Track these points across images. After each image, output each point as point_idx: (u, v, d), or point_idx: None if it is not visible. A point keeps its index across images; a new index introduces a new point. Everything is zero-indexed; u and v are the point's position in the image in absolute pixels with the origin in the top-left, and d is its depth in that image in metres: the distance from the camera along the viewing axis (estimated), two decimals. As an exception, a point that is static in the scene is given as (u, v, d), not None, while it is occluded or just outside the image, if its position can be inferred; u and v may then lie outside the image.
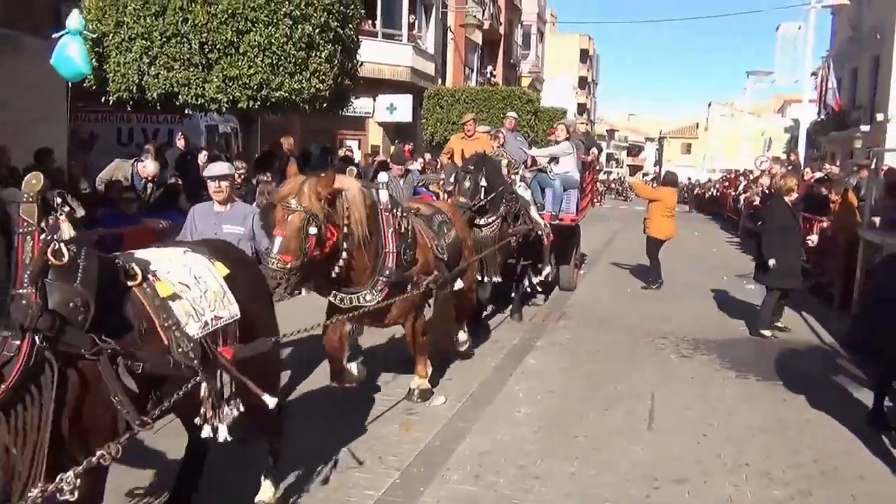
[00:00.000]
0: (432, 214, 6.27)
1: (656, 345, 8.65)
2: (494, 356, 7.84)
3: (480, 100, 21.39)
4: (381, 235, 5.20)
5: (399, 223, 5.34)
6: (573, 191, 10.63)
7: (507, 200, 8.57)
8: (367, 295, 5.21)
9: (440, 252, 5.99)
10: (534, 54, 42.00)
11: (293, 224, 4.49)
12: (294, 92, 10.27)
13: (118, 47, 9.98)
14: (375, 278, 5.19)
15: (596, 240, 18.16)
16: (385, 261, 5.22)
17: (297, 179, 4.65)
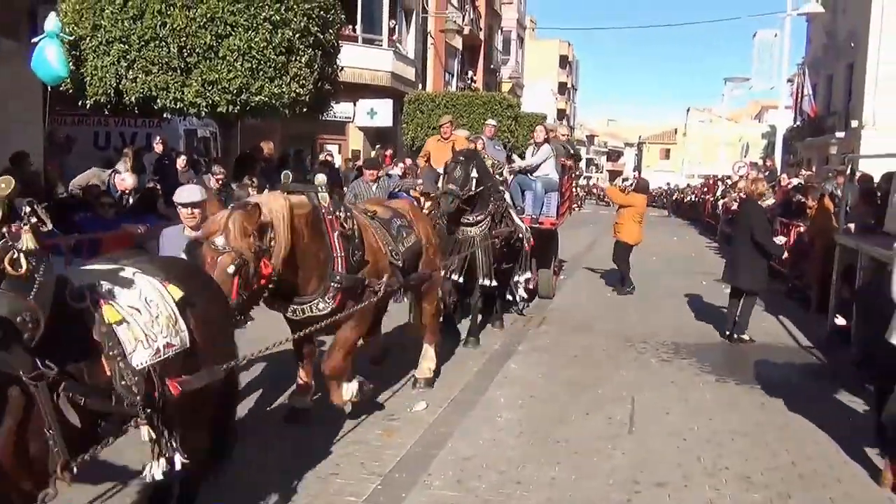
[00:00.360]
0: (391, 218, 5.96)
1: (637, 349, 8.69)
2: (476, 361, 7.84)
3: (461, 105, 21.37)
4: (327, 240, 5.01)
5: (343, 225, 5.15)
6: (553, 194, 10.54)
7: (494, 199, 8.40)
8: (320, 303, 5.04)
9: (395, 257, 5.69)
10: (514, 60, 42.19)
11: (222, 266, 4.24)
12: (274, 96, 10.24)
13: (95, 51, 9.90)
14: (326, 284, 5.00)
15: (576, 245, 18.25)
16: (334, 266, 5.04)
17: (221, 216, 4.39)
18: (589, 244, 20.21)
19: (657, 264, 16.17)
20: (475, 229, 8.13)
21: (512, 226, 8.89)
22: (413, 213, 6.42)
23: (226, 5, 9.89)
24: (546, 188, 10.34)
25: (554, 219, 10.56)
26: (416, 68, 26.20)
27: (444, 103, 21.61)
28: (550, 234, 10.74)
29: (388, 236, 5.73)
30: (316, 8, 10.77)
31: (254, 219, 4.38)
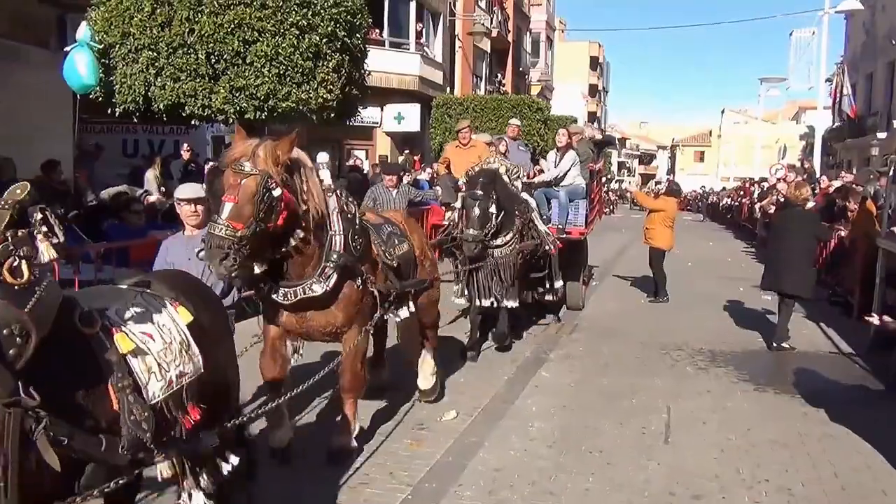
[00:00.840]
0: (381, 224, 5.56)
1: (672, 357, 8.62)
2: (506, 369, 7.83)
3: (489, 108, 21.36)
4: (328, 217, 4.63)
5: (345, 205, 4.81)
6: (581, 201, 10.24)
7: (520, 212, 8.17)
8: (315, 284, 4.60)
9: (388, 259, 5.30)
10: (543, 62, 42.13)
11: (247, 188, 3.95)
12: (301, 102, 10.30)
13: (124, 58, 10.04)
14: (322, 265, 4.60)
15: (608, 250, 18.14)
16: (332, 244, 4.62)
17: (250, 141, 4.14)
18: (620, 249, 20.09)
19: (692, 270, 16.02)
20: (505, 249, 7.95)
21: (538, 237, 8.67)
22: (407, 225, 6.02)
23: (253, 11, 9.99)
24: (571, 196, 10.08)
25: (582, 227, 10.25)
26: (444, 72, 26.28)
27: (473, 107, 21.63)
28: (579, 244, 10.45)
29: (378, 238, 5.35)
30: (343, 12, 10.82)
31: (286, 148, 4.12)
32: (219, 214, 3.94)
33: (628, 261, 17.40)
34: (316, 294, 4.61)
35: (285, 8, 10.16)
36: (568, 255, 9.88)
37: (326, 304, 4.72)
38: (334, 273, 4.61)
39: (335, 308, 4.79)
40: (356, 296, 4.85)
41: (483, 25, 28.28)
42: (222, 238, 3.88)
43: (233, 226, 3.90)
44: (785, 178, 20.27)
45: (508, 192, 8.04)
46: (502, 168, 8.32)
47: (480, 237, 7.50)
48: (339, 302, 4.77)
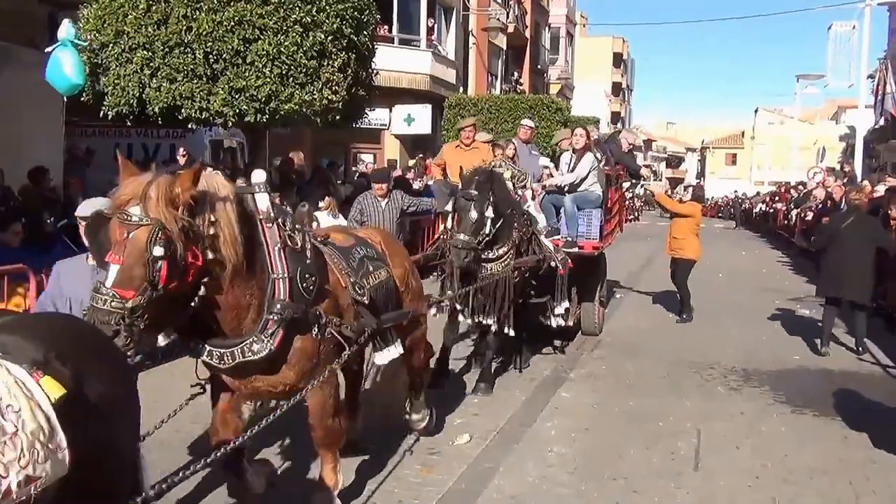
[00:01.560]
0: (351, 246, 4.82)
1: (702, 376, 8.58)
2: (524, 389, 7.81)
3: (505, 109, 21.46)
4: (266, 256, 3.92)
5: (288, 239, 4.07)
6: (595, 211, 9.42)
7: (519, 224, 7.65)
8: (255, 344, 3.88)
9: (358, 291, 4.53)
10: (563, 59, 42.17)
11: (136, 243, 3.30)
12: (305, 104, 10.37)
13: (118, 58, 10.14)
14: (263, 318, 3.88)
15: (633, 260, 18.10)
16: (275, 291, 3.91)
17: (142, 178, 3.45)
18: (647, 259, 20.01)
19: (723, 281, 15.96)
20: (497, 265, 7.35)
21: (540, 252, 8.07)
22: (386, 245, 5.31)
23: (254, 7, 10.07)
24: (581, 204, 9.34)
25: (596, 241, 9.44)
26: (457, 70, 26.37)
27: (487, 107, 21.74)
28: (593, 261, 9.66)
29: (346, 266, 4.59)
30: (349, 8, 10.89)
31: (186, 186, 3.43)
32: (102, 282, 3.30)
33: (655, 272, 17.31)
34: (259, 356, 3.91)
35: (288, 4, 10.24)
36: (581, 272, 9.22)
37: (275, 365, 4.04)
38: (279, 328, 3.91)
39: (286, 367, 4.07)
40: (313, 347, 4.14)
41: (498, 20, 28.39)
42: (108, 312, 3.22)
43: (120, 295, 3.25)
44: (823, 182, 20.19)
45: (509, 198, 7.56)
46: (507, 173, 7.92)
47: (473, 244, 6.93)
48: (292, 358, 4.07)
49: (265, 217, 3.96)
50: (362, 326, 4.51)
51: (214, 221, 3.58)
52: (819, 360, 9.42)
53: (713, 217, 53.79)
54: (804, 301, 13.39)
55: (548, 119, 21.14)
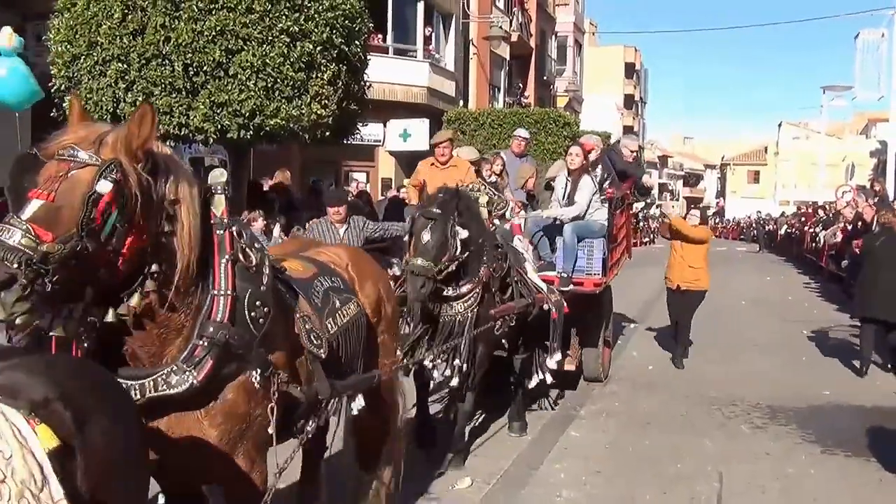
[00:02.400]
0: (313, 278, 4.14)
1: (723, 413, 8.56)
2: (530, 428, 7.77)
3: (509, 123, 21.46)
4: (210, 266, 3.30)
5: (241, 254, 3.42)
6: (597, 241, 8.77)
7: (488, 258, 6.79)
8: (173, 375, 3.15)
9: (314, 342, 3.77)
10: (571, 70, 42.44)
11: (77, 180, 2.78)
12: (292, 119, 10.44)
13: (90, 71, 10.22)
14: (192, 343, 3.19)
15: (647, 287, 18.06)
16: (212, 309, 3.25)
17: (96, 127, 3.01)
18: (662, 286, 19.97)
19: (746, 310, 15.95)
20: (459, 305, 6.53)
21: (529, 294, 7.35)
22: (355, 267, 4.66)
23: (237, 16, 10.16)
24: (583, 234, 8.66)
25: (598, 277, 8.80)
26: (457, 82, 26.53)
27: (490, 122, 21.80)
28: (595, 298, 9.07)
29: (303, 306, 3.88)
30: (340, 17, 10.99)
31: (147, 131, 2.94)
32: (17, 213, 2.71)
33: (672, 299, 17.31)
34: (176, 391, 3.16)
35: (274, 12, 10.34)
36: (581, 311, 8.67)
37: (194, 414, 3.27)
38: (208, 355, 3.19)
39: (209, 421, 3.27)
40: (246, 403, 3.34)
41: (501, 28, 28.55)
42: (12, 249, 2.59)
43: (35, 232, 2.64)
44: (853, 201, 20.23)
45: (479, 226, 6.79)
46: (482, 198, 7.22)
47: (432, 271, 6.11)
48: (218, 410, 3.28)
49: (217, 222, 3.37)
50: (315, 393, 3.75)
51: (175, 202, 3.07)
52: (851, 395, 9.39)
53: (734, 240, 53.94)
54: (834, 330, 13.38)
55: (555, 134, 21.18)
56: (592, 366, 9.51)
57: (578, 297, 8.57)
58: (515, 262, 7.37)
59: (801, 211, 36.62)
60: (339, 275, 4.41)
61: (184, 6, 10.08)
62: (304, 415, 3.78)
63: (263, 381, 3.34)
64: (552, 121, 21.94)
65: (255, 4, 10.26)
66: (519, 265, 7.43)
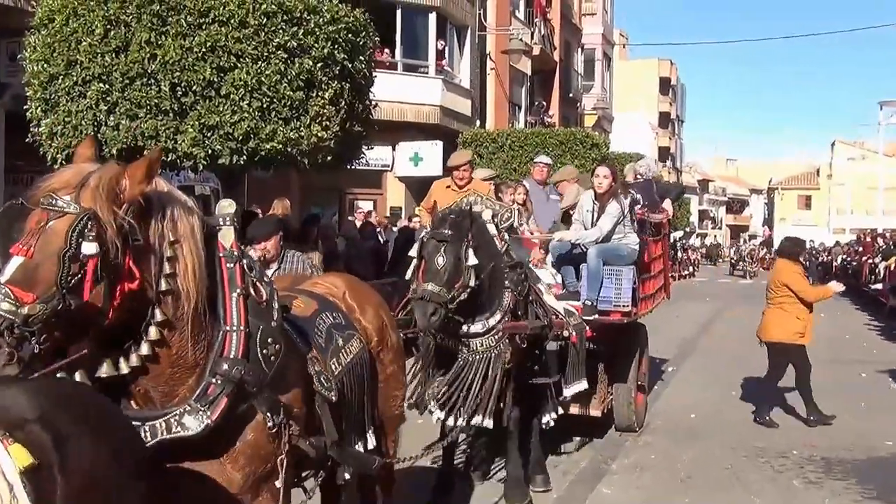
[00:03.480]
0: (314, 314, 4.29)
1: (773, 467, 8.49)
2: (556, 484, 7.72)
3: (531, 145, 21.64)
4: (220, 301, 3.48)
5: (254, 286, 3.61)
6: (626, 269, 8.74)
7: (512, 283, 6.91)
8: (187, 416, 3.29)
9: (324, 385, 3.95)
10: (599, 86, 42.64)
11: (54, 233, 2.91)
12: (290, 142, 10.48)
13: (69, 92, 10.30)
14: (205, 381, 3.35)
15: (687, 325, 18.03)
16: (224, 346, 3.41)
17: (85, 166, 3.14)
18: (705, 323, 19.93)
19: (798, 350, 15.78)
20: (484, 341, 6.59)
21: (545, 315, 7.36)
22: (353, 296, 4.82)
23: (230, 31, 10.23)
24: (609, 259, 8.65)
25: (627, 305, 8.77)
26: (473, 100, 26.69)
27: (510, 143, 21.96)
28: (625, 331, 9.21)
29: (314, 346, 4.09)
30: (342, 30, 11.06)
31: (137, 179, 3.07)
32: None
33: (714, 338, 17.22)
34: (191, 433, 3.28)
35: (270, 26, 10.40)
36: (610, 345, 8.91)
37: (211, 454, 3.41)
38: (223, 394, 3.34)
39: (231, 463, 3.44)
40: (268, 443, 3.51)
41: (521, 41, 28.75)
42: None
43: (16, 295, 2.82)
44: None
45: (492, 248, 6.85)
46: (486, 213, 7.13)
47: (444, 297, 6.10)
48: (239, 452, 3.45)
49: (227, 255, 3.55)
50: (323, 446, 3.89)
51: (175, 242, 3.23)
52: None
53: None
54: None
55: (582, 156, 21.29)
56: (624, 411, 9.37)
57: (606, 328, 8.64)
58: (531, 282, 7.46)
59: (858, 239, 36.42)
60: (339, 308, 4.56)
61: (171, 21, 10.16)
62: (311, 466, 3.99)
63: (276, 427, 3.51)
64: (579, 142, 22.06)
65: (250, 18, 10.33)
66: (533, 283, 7.50)
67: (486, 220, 7.00)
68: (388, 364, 4.91)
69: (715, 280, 41.16)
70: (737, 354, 14.31)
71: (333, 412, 4.03)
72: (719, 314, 22.35)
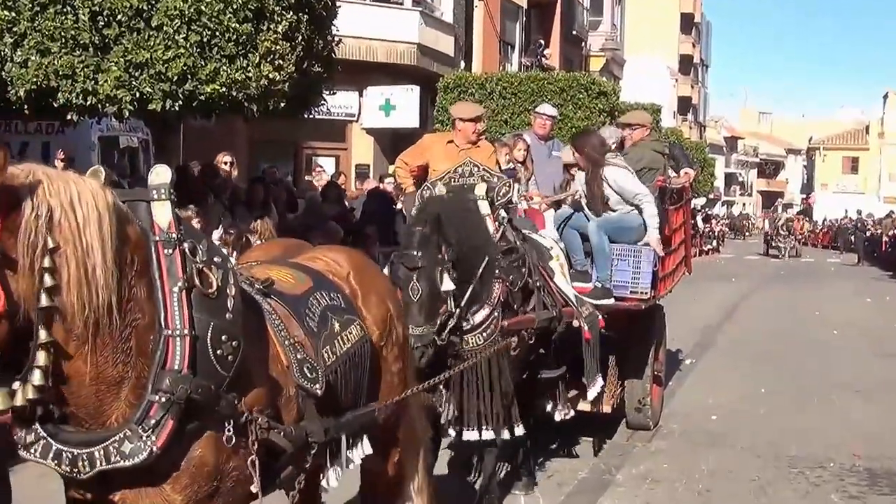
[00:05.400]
0: (307, 293, 4.35)
1: (807, 478, 8.53)
2: (552, 497, 7.79)
3: (525, 92, 21.54)
4: (156, 297, 3.45)
5: (198, 276, 3.55)
6: (646, 250, 8.83)
7: (503, 271, 7.07)
8: (127, 442, 3.33)
9: (308, 375, 4.00)
10: (609, 23, 42.61)
11: None
12: (235, 85, 10.41)
13: (-35, 24, 10.21)
14: (144, 400, 3.36)
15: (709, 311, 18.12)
16: (168, 355, 3.42)
17: None
18: (730, 308, 20.01)
19: (839, 342, 15.91)
20: (475, 338, 6.82)
21: (554, 306, 7.59)
22: (358, 277, 4.85)
23: (164, -49, 10.15)
24: (619, 235, 8.80)
25: (646, 291, 8.94)
26: (457, 38, 26.58)
27: (500, 90, 21.82)
28: (641, 319, 9.38)
29: (294, 330, 4.09)
30: (301, -50, 10.99)
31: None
32: None
33: (740, 326, 17.30)
34: (132, 463, 3.35)
35: (213, -55, 10.31)
36: (621, 334, 9.12)
37: (155, 479, 3.47)
38: (167, 415, 3.37)
39: (172, 487, 3.49)
40: (215, 456, 3.56)
41: (516, -33, 28.62)
42: None
43: None
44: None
45: (479, 236, 6.96)
46: (480, 188, 7.29)
47: (430, 336, 6.31)
48: (184, 474, 3.50)
49: (163, 239, 3.48)
50: (303, 435, 3.94)
51: (55, 248, 3.12)
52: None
53: (826, 248, 54.02)
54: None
55: (586, 106, 21.24)
56: (637, 406, 9.51)
57: (618, 314, 8.75)
58: (539, 261, 7.60)
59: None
60: (339, 288, 4.56)
61: (90, -65, 10.08)
62: (291, 463, 3.95)
63: (238, 433, 3.55)
64: (583, 89, 21.95)
65: (188, -66, 10.26)
66: (544, 264, 7.68)
67: (479, 197, 7.09)
68: (392, 361, 4.90)
69: (742, 257, 41.40)
70: (767, 345, 14.42)
71: (325, 407, 4.08)
72: (747, 298, 22.45)
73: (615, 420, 9.61)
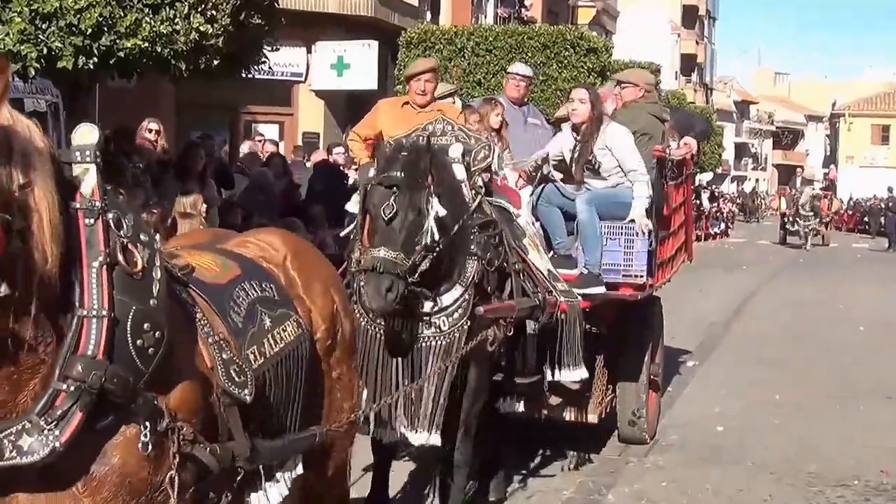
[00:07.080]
0: (233, 280, 4.31)
1: (827, 498, 8.59)
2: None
3: (502, 48, 21.54)
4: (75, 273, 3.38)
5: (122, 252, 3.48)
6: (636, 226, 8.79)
7: (478, 245, 7.01)
8: (26, 436, 3.25)
9: (235, 379, 3.92)
10: (599, -33, 42.63)
11: None
12: (160, 39, 10.39)
13: None
14: (51, 388, 3.28)
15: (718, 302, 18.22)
16: (80, 338, 3.34)
17: None
18: (740, 302, 20.12)
19: (865, 340, 16.02)
20: (442, 321, 6.72)
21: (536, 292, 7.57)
22: (296, 263, 4.80)
23: None
24: (607, 211, 8.75)
25: (641, 275, 8.89)
26: (421, -15, 26.56)
27: (472, 46, 21.81)
28: (634, 312, 9.42)
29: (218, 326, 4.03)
30: None
31: None
32: None
33: (751, 323, 17.40)
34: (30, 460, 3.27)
35: None
36: (612, 329, 9.10)
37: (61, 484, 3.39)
38: (76, 407, 3.29)
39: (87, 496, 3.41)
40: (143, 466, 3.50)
41: None
42: None
43: None
44: None
45: (457, 196, 6.94)
46: (455, 148, 7.23)
47: (403, 266, 6.17)
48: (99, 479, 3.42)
49: (86, 207, 3.42)
50: (229, 453, 3.85)
51: (26, 184, 3.14)
52: None
53: (852, 231, 54.32)
54: None
55: (573, 65, 21.26)
56: (631, 416, 9.49)
57: (608, 305, 8.78)
58: (515, 241, 7.54)
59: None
60: (272, 276, 4.52)
61: None
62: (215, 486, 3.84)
63: (156, 439, 3.44)
64: (570, 45, 21.96)
65: None
66: (519, 245, 7.60)
67: (455, 159, 7.02)
68: (335, 365, 4.85)
69: (754, 242, 41.62)
70: (782, 345, 14.52)
71: (250, 418, 4.02)
72: (758, 290, 22.58)
73: (605, 431, 9.66)
